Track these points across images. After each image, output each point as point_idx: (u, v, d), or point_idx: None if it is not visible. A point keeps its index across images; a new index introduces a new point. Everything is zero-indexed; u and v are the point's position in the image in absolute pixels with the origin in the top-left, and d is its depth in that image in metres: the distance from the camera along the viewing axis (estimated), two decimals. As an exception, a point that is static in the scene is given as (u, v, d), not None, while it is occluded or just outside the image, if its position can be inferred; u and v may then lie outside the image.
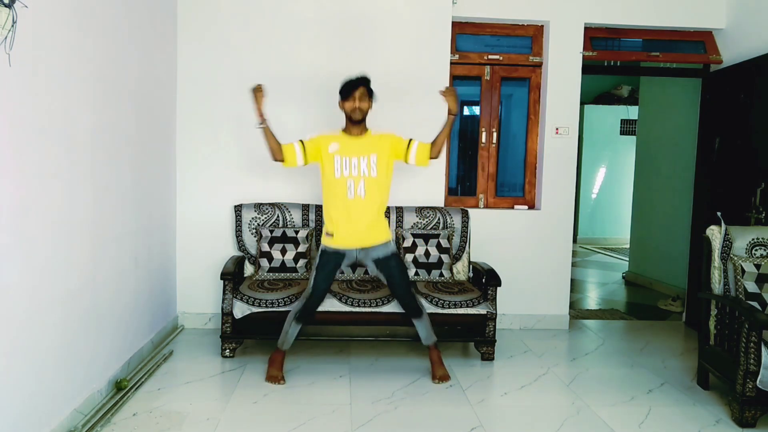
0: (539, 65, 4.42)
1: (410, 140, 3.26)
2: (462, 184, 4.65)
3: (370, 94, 3.18)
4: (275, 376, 3.22)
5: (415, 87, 4.17)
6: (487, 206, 4.50)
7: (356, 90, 3.13)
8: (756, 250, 3.24)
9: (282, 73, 4.10)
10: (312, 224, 3.96)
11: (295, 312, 3.25)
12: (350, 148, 3.16)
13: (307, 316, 3.26)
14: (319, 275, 3.20)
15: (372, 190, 3.14)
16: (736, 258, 3.21)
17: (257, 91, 3.19)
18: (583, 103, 5.63)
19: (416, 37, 4.14)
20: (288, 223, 3.95)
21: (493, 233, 4.31)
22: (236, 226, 3.94)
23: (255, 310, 3.45)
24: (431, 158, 3.27)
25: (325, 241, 3.21)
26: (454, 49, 4.33)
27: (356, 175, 3.13)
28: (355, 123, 3.17)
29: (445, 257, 3.85)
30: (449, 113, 3.17)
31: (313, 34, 4.10)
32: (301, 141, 3.28)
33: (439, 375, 3.28)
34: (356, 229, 3.13)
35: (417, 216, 4.00)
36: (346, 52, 4.12)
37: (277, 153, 3.24)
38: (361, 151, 3.16)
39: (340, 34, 4.11)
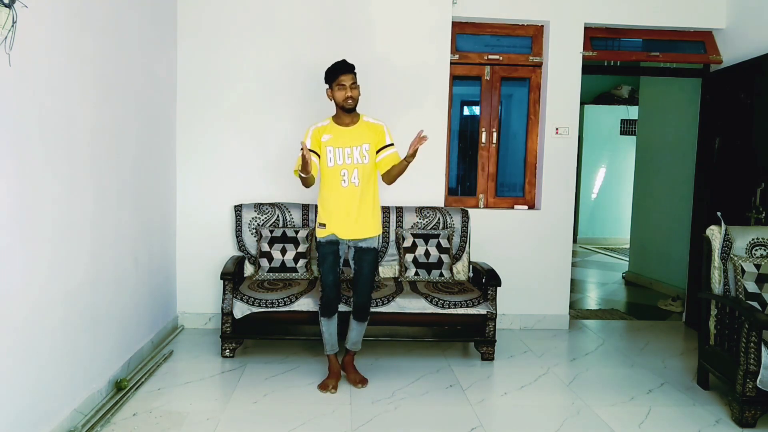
0: (539, 65, 4.42)
1: (390, 144, 3.13)
2: (462, 184, 4.65)
3: (356, 77, 3.06)
4: (326, 384, 3.16)
5: (415, 87, 4.18)
6: (487, 206, 4.50)
7: (346, 76, 3.00)
8: (756, 250, 3.24)
9: (282, 73, 4.10)
10: (312, 224, 3.95)
11: (318, 311, 3.24)
12: (342, 138, 3.06)
13: (330, 309, 3.18)
14: (323, 268, 3.13)
15: (366, 177, 3.07)
16: (736, 258, 3.21)
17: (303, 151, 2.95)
18: (583, 103, 5.63)
19: (416, 37, 4.14)
20: (288, 223, 3.95)
21: (493, 233, 4.31)
22: (236, 226, 3.94)
23: (255, 310, 3.45)
24: (385, 182, 3.19)
25: (320, 233, 3.11)
26: (454, 49, 4.33)
27: (350, 163, 3.04)
28: (348, 112, 3.06)
29: (445, 257, 3.85)
30: (408, 158, 3.00)
31: (313, 34, 4.10)
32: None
33: (359, 379, 3.21)
34: (350, 218, 3.04)
35: (417, 216, 4.00)
36: (346, 52, 4.10)
37: (311, 183, 3.07)
38: (353, 141, 3.06)
39: (340, 33, 4.11)
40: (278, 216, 3.95)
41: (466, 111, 4.77)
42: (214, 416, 2.78)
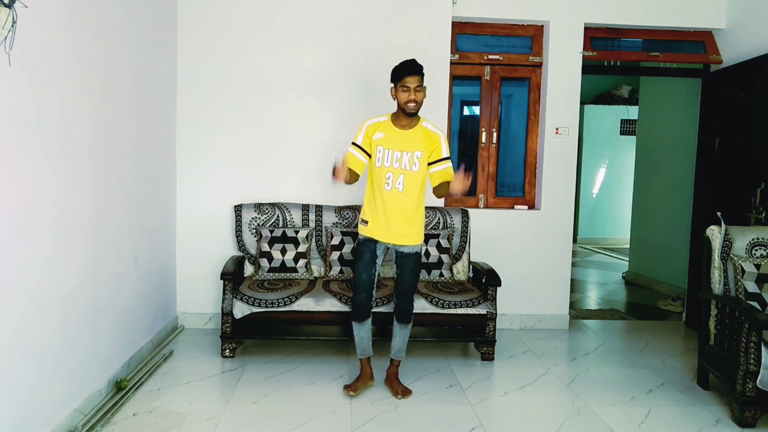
0: (539, 65, 4.42)
1: (446, 158, 3.02)
2: (462, 184, 4.64)
3: (422, 79, 2.93)
4: (349, 386, 3.09)
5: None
6: (487, 206, 4.50)
7: (412, 78, 2.88)
8: (756, 250, 3.24)
9: (282, 72, 4.10)
10: (312, 224, 3.95)
11: (351, 314, 3.15)
12: (395, 141, 2.96)
13: (360, 313, 3.08)
14: (358, 265, 3.06)
15: (412, 184, 2.96)
16: (736, 258, 3.21)
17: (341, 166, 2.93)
18: (583, 103, 5.63)
19: (416, 37, 4.14)
20: (288, 223, 3.95)
21: (493, 233, 4.31)
22: (236, 226, 3.94)
23: (255, 310, 3.45)
24: (435, 195, 3.13)
25: (360, 230, 3.08)
26: (454, 49, 4.33)
27: (397, 167, 2.94)
28: (409, 115, 2.96)
29: (445, 257, 3.85)
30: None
31: (312, 33, 4.10)
32: (355, 144, 3.03)
33: (401, 390, 3.09)
34: (388, 222, 2.97)
35: (417, 216, 4.00)
36: (346, 51, 4.12)
37: (354, 180, 3.05)
38: (406, 146, 2.95)
39: (339, 33, 4.11)
40: (278, 216, 3.95)
41: (466, 111, 4.77)
42: (214, 416, 2.78)
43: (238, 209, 3.96)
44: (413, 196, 2.99)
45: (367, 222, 3.05)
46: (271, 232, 3.84)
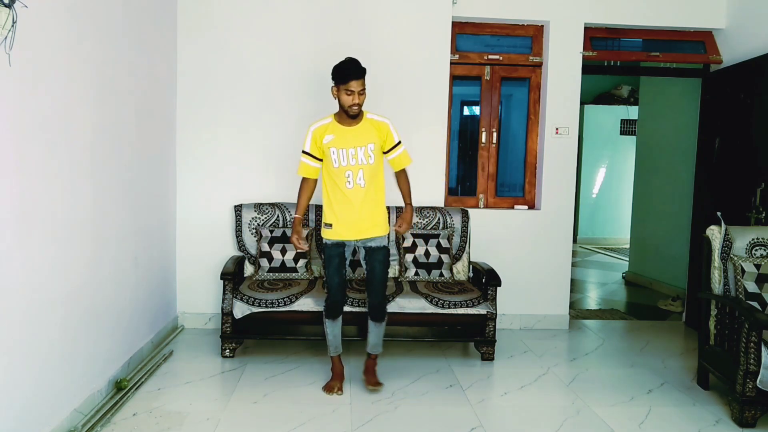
0: (539, 65, 4.42)
1: (398, 143, 3.07)
2: (462, 184, 4.65)
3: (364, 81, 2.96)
4: (331, 386, 3.13)
5: (415, 87, 4.17)
6: (487, 206, 4.50)
7: (356, 82, 2.89)
8: (756, 250, 3.24)
9: (281, 72, 4.10)
10: (312, 224, 3.95)
11: (323, 311, 3.19)
12: (346, 139, 2.98)
13: (335, 311, 3.15)
14: (329, 270, 3.10)
15: (371, 177, 3.00)
16: (736, 258, 3.21)
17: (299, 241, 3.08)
18: (583, 103, 5.63)
19: (416, 37, 4.14)
20: (288, 223, 3.95)
21: (493, 233, 4.31)
22: (236, 226, 3.94)
23: (255, 310, 3.45)
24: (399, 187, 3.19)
25: (325, 234, 3.08)
26: (454, 49, 4.33)
27: (354, 164, 2.96)
28: (352, 117, 2.98)
29: (445, 257, 3.85)
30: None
31: (312, 34, 4.10)
32: (305, 152, 3.06)
33: (373, 382, 3.15)
34: (356, 219, 2.99)
35: (417, 216, 4.00)
36: (346, 52, 4.09)
37: (312, 189, 3.17)
38: (357, 141, 2.97)
39: (339, 33, 4.11)
40: (278, 216, 3.95)
41: (466, 111, 4.77)
42: (214, 416, 2.78)
43: (238, 209, 3.96)
44: (376, 188, 3.05)
45: (331, 225, 3.04)
46: (271, 232, 3.84)
